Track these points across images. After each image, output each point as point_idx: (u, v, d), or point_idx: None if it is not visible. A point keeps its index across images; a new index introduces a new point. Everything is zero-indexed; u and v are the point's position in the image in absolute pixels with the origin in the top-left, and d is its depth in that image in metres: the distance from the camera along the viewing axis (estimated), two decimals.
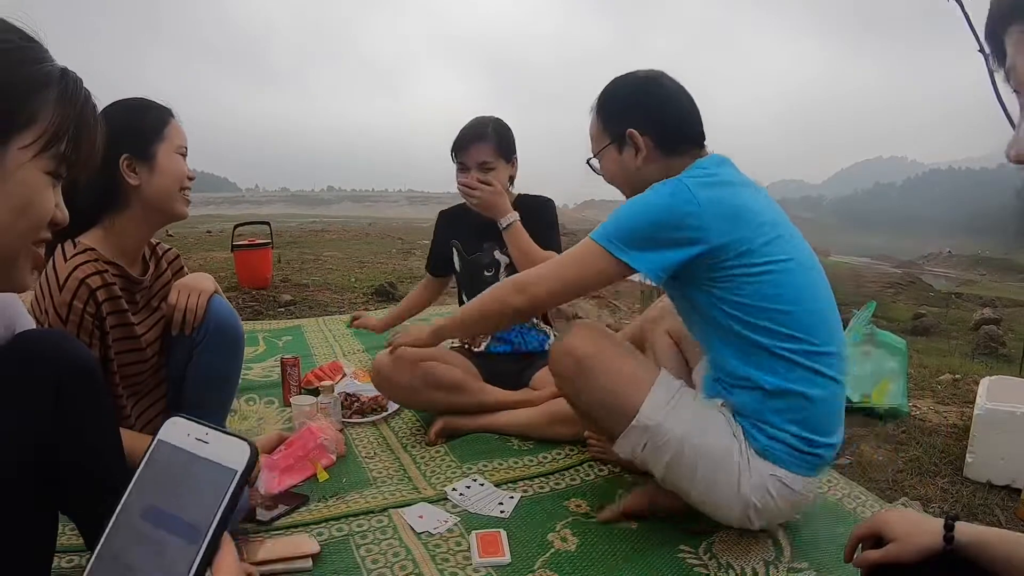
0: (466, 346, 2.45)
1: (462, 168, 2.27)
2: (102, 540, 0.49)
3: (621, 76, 1.66)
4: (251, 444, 0.49)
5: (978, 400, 2.08)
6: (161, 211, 1.58)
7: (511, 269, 2.32)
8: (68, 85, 0.86)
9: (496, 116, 2.35)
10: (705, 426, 1.49)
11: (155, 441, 0.52)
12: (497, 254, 2.40)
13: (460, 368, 2.23)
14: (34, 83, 0.82)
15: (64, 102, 0.85)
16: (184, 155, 1.61)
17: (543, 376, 2.18)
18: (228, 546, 0.48)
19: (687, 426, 1.48)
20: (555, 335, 2.46)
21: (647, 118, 1.58)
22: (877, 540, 1.05)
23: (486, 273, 2.41)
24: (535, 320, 2.45)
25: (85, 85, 0.90)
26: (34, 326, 1.15)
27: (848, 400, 2.50)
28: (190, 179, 1.62)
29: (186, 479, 0.49)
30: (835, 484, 1.94)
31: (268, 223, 5.36)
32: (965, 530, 0.97)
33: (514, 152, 2.33)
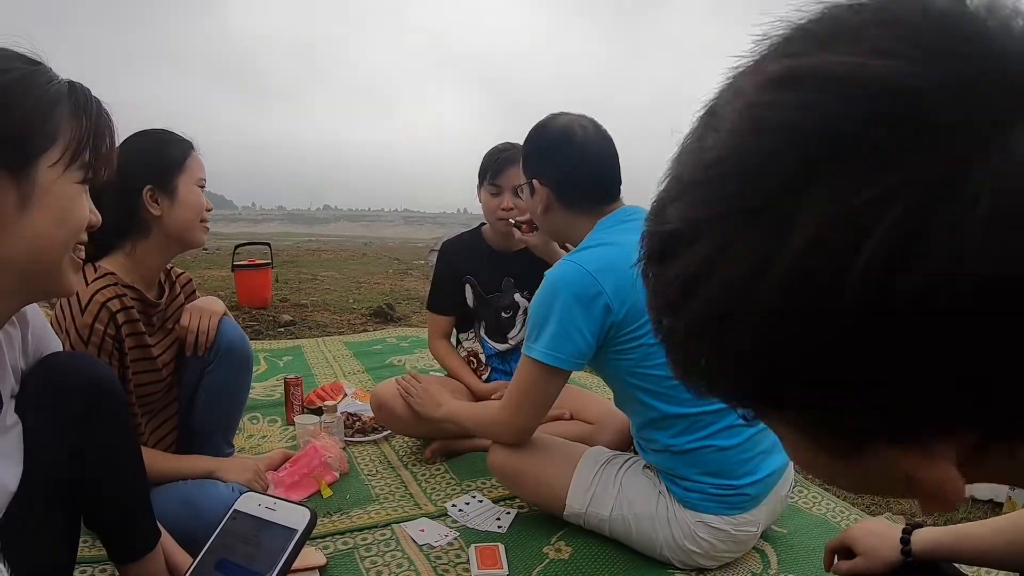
0: (472, 367, 2.43)
1: (496, 191, 2.20)
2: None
3: (546, 119, 1.66)
4: (312, 511, 0.57)
5: None
6: (180, 240, 1.63)
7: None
8: (78, 98, 0.91)
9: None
10: (631, 496, 1.59)
11: (231, 511, 0.60)
12: (516, 296, 2.33)
13: (458, 394, 2.23)
14: (47, 104, 0.87)
15: (78, 114, 0.91)
16: (203, 187, 1.66)
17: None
18: None
19: (612, 501, 1.59)
20: None
21: (550, 172, 1.61)
22: (850, 550, 1.13)
23: (503, 315, 2.34)
24: None
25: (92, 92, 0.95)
26: (61, 347, 1.20)
27: None
28: (208, 210, 1.68)
29: (255, 538, 0.58)
30: (820, 500, 2.00)
31: (268, 244, 5.42)
32: (924, 536, 1.04)
33: None
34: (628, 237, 1.55)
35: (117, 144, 1.00)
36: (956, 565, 1.06)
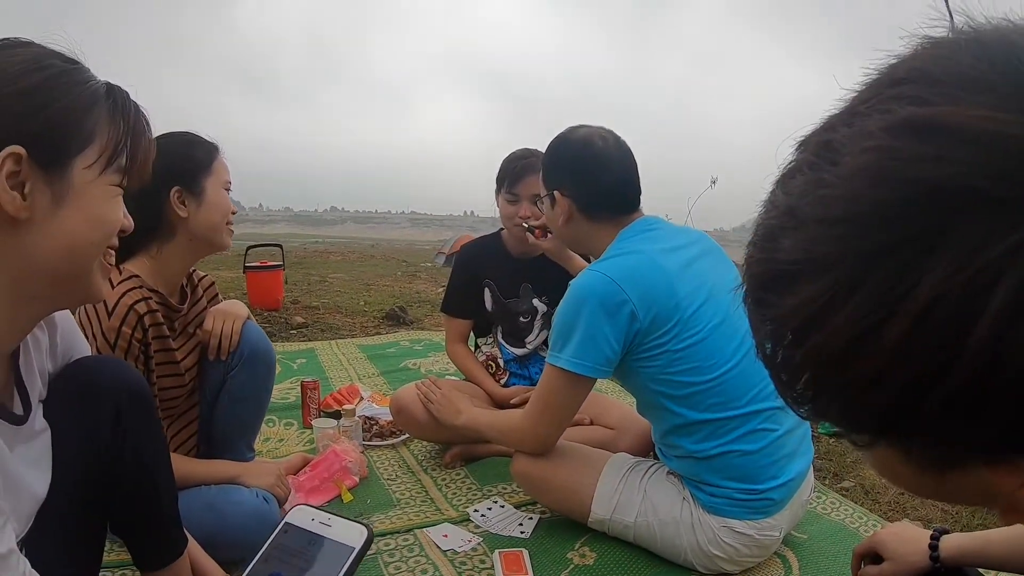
0: (491, 371, 2.43)
1: (514, 199, 2.20)
2: None
3: (566, 132, 1.69)
4: (369, 528, 0.55)
5: None
6: (207, 242, 1.63)
7: (547, 318, 2.30)
8: (117, 100, 0.90)
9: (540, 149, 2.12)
10: (655, 502, 1.61)
11: (282, 523, 0.59)
12: (535, 301, 2.34)
13: (478, 400, 2.23)
14: (85, 103, 0.86)
15: (116, 117, 0.89)
16: (229, 190, 1.67)
17: None
18: None
19: (637, 508, 1.61)
20: None
21: (573, 184, 1.64)
22: (876, 555, 1.14)
23: (522, 320, 2.35)
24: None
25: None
26: (89, 351, 1.19)
27: None
28: (233, 213, 1.68)
29: (308, 553, 0.56)
30: (839, 506, 2.01)
31: (280, 245, 5.44)
32: (952, 541, 1.05)
33: None
34: (651, 246, 1.57)
35: (153, 150, 0.99)
36: (982, 571, 1.07)
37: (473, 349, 2.50)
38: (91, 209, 0.86)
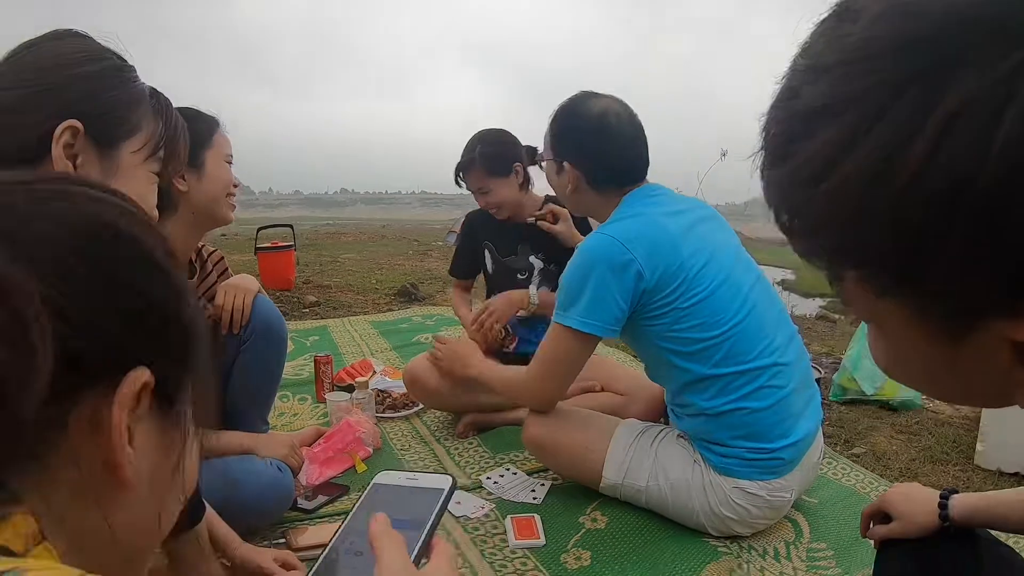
0: (499, 347, 2.46)
1: (473, 193, 2.34)
2: (321, 558, 0.58)
3: (579, 101, 1.69)
4: (453, 477, 0.60)
5: None
6: (208, 216, 1.64)
7: (544, 274, 2.37)
8: (160, 100, 1.00)
9: (490, 129, 2.34)
10: (666, 466, 1.63)
11: (372, 485, 0.62)
12: (532, 258, 2.40)
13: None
14: (134, 98, 0.95)
15: (159, 114, 0.99)
16: (230, 163, 1.67)
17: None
18: (440, 540, 0.57)
19: (649, 471, 1.63)
20: None
21: (584, 158, 1.66)
22: (885, 515, 1.13)
23: (519, 276, 2.42)
24: None
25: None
26: None
27: (862, 392, 2.58)
28: (235, 186, 1.69)
29: (402, 500, 0.59)
30: (849, 471, 2.02)
31: (291, 226, 5.47)
32: (961, 501, 1.05)
33: (513, 162, 2.26)
34: (655, 209, 1.61)
35: (186, 153, 1.10)
36: (993, 532, 1.06)
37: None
38: (134, 188, 0.93)
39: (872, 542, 1.17)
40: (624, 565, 1.53)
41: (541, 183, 2.31)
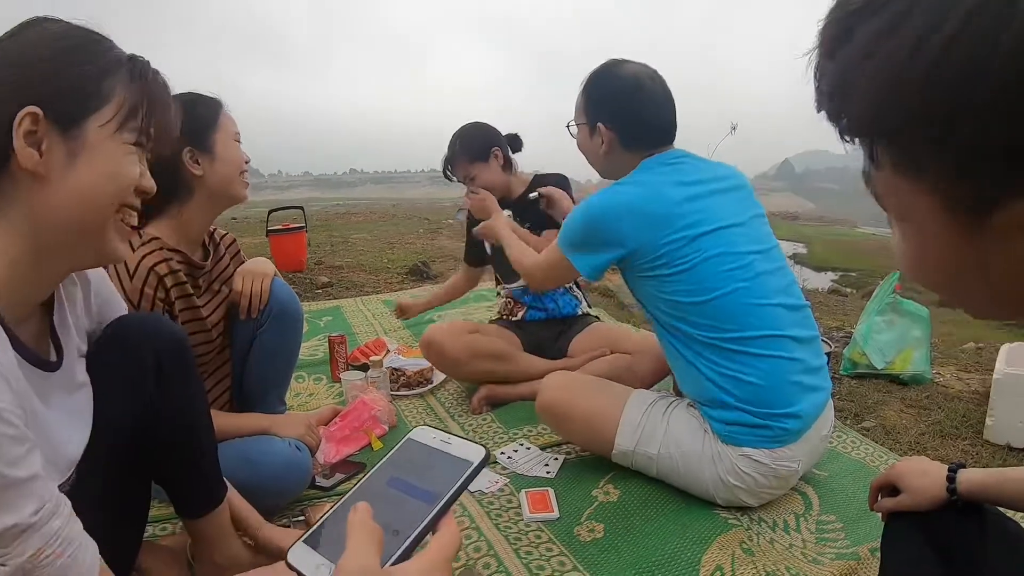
0: (504, 317, 2.61)
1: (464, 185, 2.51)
2: (341, 501, 0.59)
3: (612, 65, 1.77)
4: (487, 450, 0.59)
5: (997, 365, 2.14)
6: (225, 196, 1.66)
7: None
8: (136, 65, 0.97)
9: (466, 123, 2.54)
10: (678, 435, 1.67)
11: (405, 439, 0.63)
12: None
13: (503, 340, 2.40)
14: (105, 67, 0.92)
15: (134, 80, 0.95)
16: (239, 141, 1.69)
17: (579, 342, 2.39)
18: (451, 516, 0.56)
19: (660, 440, 1.68)
20: (585, 301, 2.66)
21: (618, 118, 1.74)
22: (894, 488, 1.15)
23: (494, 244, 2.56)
24: (568, 286, 2.59)
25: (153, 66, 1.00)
26: (126, 309, 1.23)
27: (872, 366, 2.59)
28: (246, 163, 1.71)
29: (429, 464, 0.59)
30: (859, 445, 2.04)
31: (302, 208, 5.50)
32: (970, 476, 1.06)
33: (490, 147, 2.45)
34: (665, 177, 1.67)
35: (177, 116, 1.04)
36: (1001, 510, 1.06)
37: (497, 296, 2.76)
38: (104, 164, 0.91)
39: (880, 515, 1.18)
40: (636, 537, 1.56)
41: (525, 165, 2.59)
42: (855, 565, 1.45)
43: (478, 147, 2.45)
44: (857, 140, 0.46)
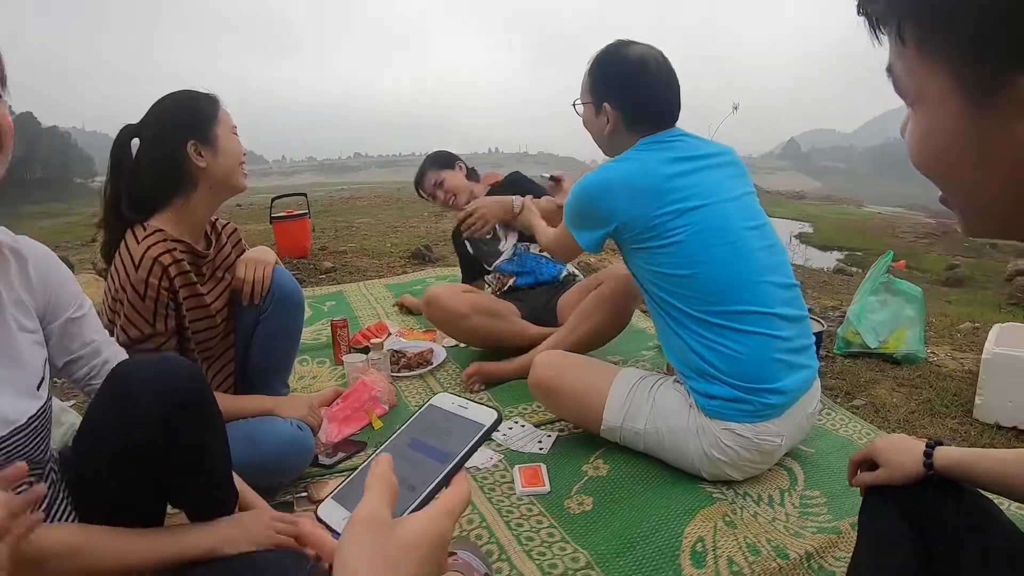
0: (498, 292, 2.80)
1: (431, 199, 2.89)
2: (369, 459, 0.62)
3: (620, 46, 1.81)
4: (499, 411, 0.63)
5: (987, 345, 2.16)
6: (227, 186, 1.72)
7: (504, 225, 2.74)
8: None
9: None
10: (664, 411, 1.72)
11: (428, 405, 0.67)
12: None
13: (501, 307, 2.56)
14: None
15: None
16: (236, 133, 1.75)
17: (564, 299, 2.62)
18: (463, 474, 0.60)
19: (647, 416, 1.73)
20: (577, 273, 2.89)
21: (624, 100, 1.78)
22: (872, 464, 1.19)
23: (487, 237, 2.79)
24: (538, 250, 2.79)
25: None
26: (80, 292, 1.22)
27: (865, 345, 2.62)
28: (244, 154, 1.77)
29: (446, 428, 0.63)
30: (848, 422, 2.09)
31: (305, 194, 5.52)
32: (947, 453, 1.08)
33: (454, 160, 2.92)
34: (657, 154, 1.72)
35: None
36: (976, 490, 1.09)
37: (485, 288, 2.91)
38: None
39: (859, 489, 1.23)
40: (623, 509, 1.62)
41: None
42: (835, 539, 1.50)
43: (444, 159, 2.89)
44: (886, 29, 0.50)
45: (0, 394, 1.01)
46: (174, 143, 1.62)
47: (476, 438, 0.61)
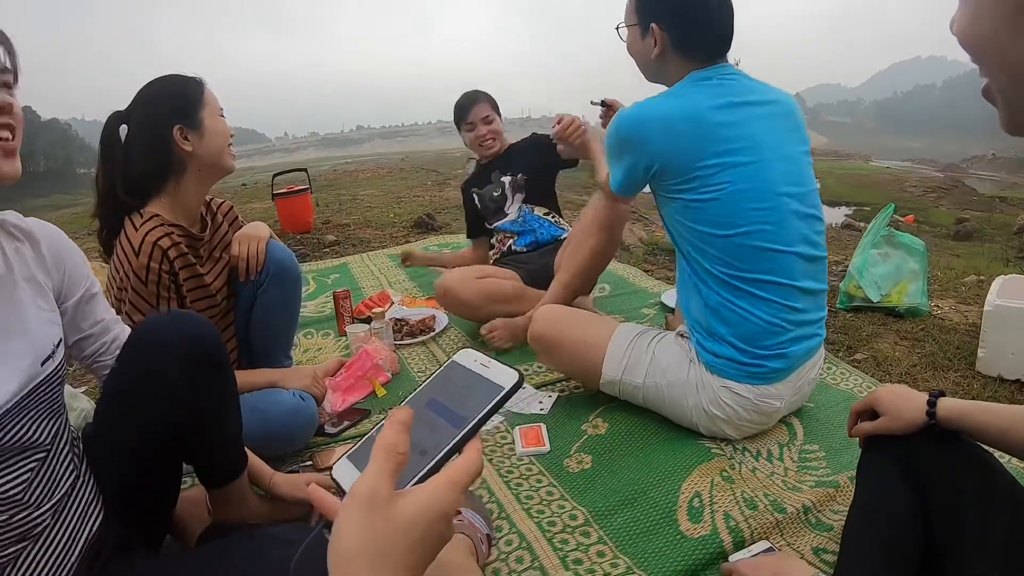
0: (501, 255, 2.84)
1: (471, 128, 2.81)
2: (387, 418, 0.61)
3: None
4: (520, 373, 0.61)
5: (988, 297, 2.14)
6: (215, 168, 1.74)
7: (513, 185, 2.81)
8: None
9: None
10: (663, 365, 1.71)
11: (450, 362, 0.66)
12: (501, 179, 2.84)
13: (511, 281, 2.57)
14: None
15: None
16: (223, 115, 1.76)
17: (560, 255, 2.53)
18: (477, 441, 0.59)
19: (646, 369, 1.72)
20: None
21: (674, 20, 1.63)
22: (873, 414, 1.19)
23: (495, 194, 2.84)
24: (551, 217, 2.85)
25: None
26: (91, 273, 1.24)
27: (868, 299, 2.62)
28: (232, 135, 1.78)
29: (465, 388, 0.62)
30: (848, 377, 2.08)
31: (305, 169, 5.50)
32: (949, 404, 1.08)
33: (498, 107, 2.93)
34: (706, 99, 1.57)
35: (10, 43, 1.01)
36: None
37: (491, 249, 2.98)
38: None
39: (858, 441, 1.23)
40: (621, 466, 1.64)
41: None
42: (834, 492, 1.50)
43: (495, 103, 2.88)
44: None
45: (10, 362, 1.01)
46: (161, 128, 1.64)
47: (493, 402, 0.59)
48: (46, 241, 1.15)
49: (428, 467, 0.56)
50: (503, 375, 0.61)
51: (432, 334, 2.58)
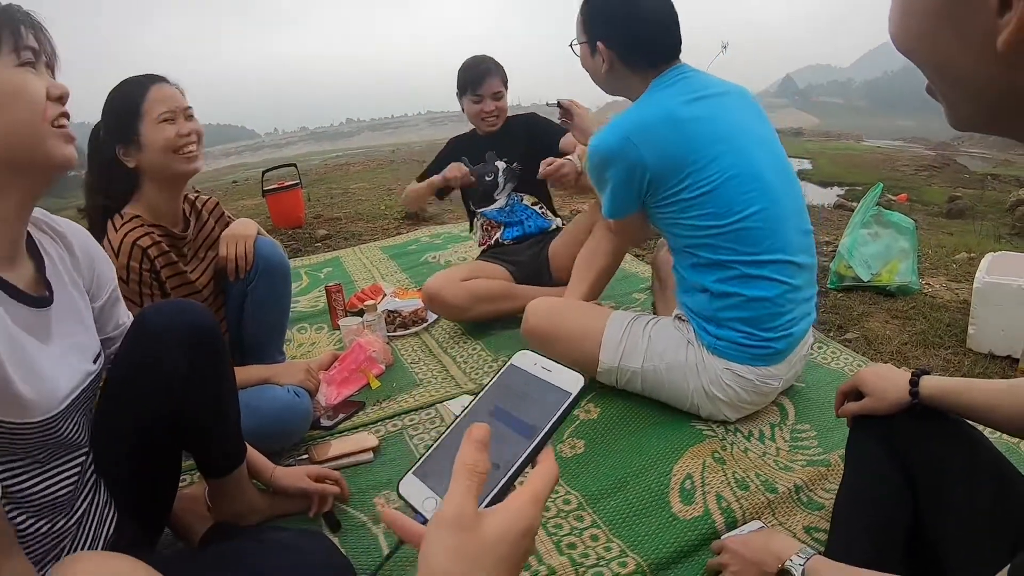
0: (486, 247, 2.78)
1: (478, 99, 2.60)
2: (449, 429, 0.60)
3: None
4: (586, 377, 0.59)
5: (978, 274, 2.14)
6: (167, 176, 1.69)
7: (508, 173, 2.71)
8: None
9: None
10: (661, 348, 1.71)
11: (508, 365, 0.63)
12: (497, 162, 2.72)
13: (499, 279, 2.53)
14: None
15: None
16: (171, 119, 1.64)
17: (556, 247, 2.61)
18: (550, 450, 0.57)
19: (643, 354, 1.73)
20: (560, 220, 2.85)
21: (616, 36, 1.69)
22: (859, 394, 1.21)
23: (486, 179, 2.73)
24: (540, 209, 2.79)
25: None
26: (114, 269, 1.26)
27: (858, 279, 2.63)
28: (185, 136, 1.66)
29: (529, 394, 0.59)
30: (839, 355, 2.10)
31: (295, 164, 5.47)
32: (932, 382, 1.10)
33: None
34: (675, 98, 1.63)
35: (41, 21, 1.01)
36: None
37: (471, 231, 2.95)
38: (6, 94, 0.92)
39: (847, 420, 1.24)
40: (614, 450, 1.65)
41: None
42: (825, 471, 1.52)
43: (506, 77, 2.68)
44: None
45: (65, 363, 1.02)
46: (106, 150, 1.65)
47: (563, 408, 0.56)
48: (77, 242, 1.16)
49: (503, 482, 0.54)
50: (568, 379, 0.59)
51: (425, 325, 2.58)
